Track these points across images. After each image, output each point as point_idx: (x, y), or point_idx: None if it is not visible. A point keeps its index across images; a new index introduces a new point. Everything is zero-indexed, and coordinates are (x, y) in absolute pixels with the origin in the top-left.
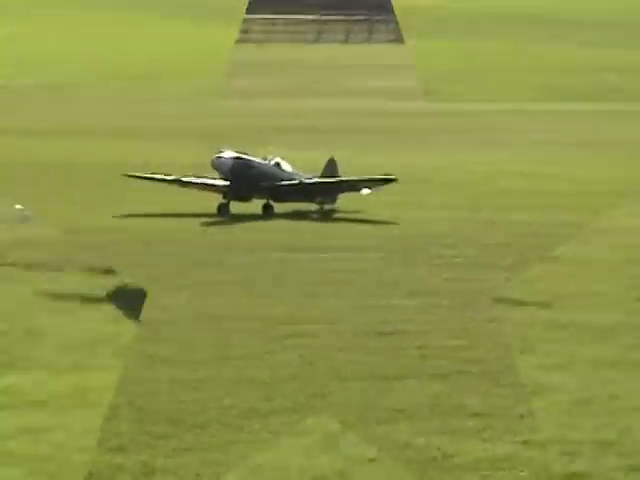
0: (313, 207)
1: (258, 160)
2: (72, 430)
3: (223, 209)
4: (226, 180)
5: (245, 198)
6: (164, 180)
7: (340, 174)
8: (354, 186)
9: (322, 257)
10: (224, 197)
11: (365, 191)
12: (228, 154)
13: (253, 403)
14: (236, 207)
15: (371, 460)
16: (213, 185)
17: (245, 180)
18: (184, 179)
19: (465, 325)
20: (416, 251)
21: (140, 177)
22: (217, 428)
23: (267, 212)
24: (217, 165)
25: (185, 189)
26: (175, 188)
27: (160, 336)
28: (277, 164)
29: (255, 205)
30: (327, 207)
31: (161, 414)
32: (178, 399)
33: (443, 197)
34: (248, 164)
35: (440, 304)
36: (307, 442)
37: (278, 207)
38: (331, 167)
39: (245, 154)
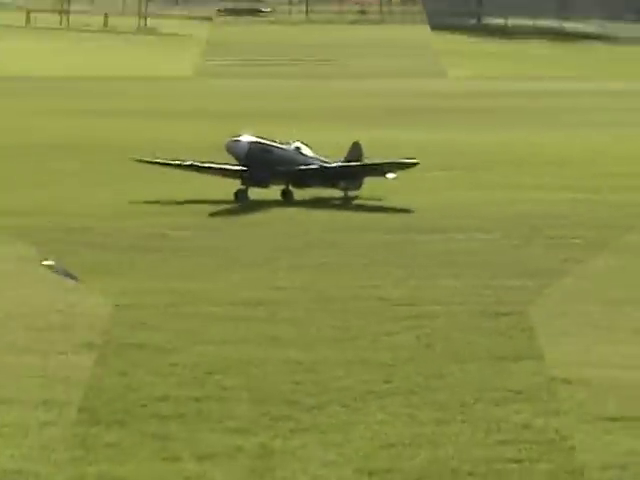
0: (337, 193)
1: (276, 144)
2: None
3: (241, 195)
4: (242, 165)
5: (264, 184)
6: (179, 165)
7: (364, 158)
8: (378, 170)
9: (439, 238)
10: (242, 183)
11: (390, 175)
12: (244, 138)
13: (370, 384)
14: (255, 193)
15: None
16: (230, 170)
17: (263, 165)
18: (200, 164)
19: None
20: (534, 231)
21: (152, 162)
22: (334, 409)
23: (286, 198)
24: (232, 150)
25: (201, 175)
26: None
27: (276, 317)
28: (297, 148)
29: (274, 191)
30: (351, 193)
31: (278, 395)
32: (295, 380)
33: (552, 177)
34: (265, 148)
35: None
36: (424, 423)
37: (303, 193)
38: (355, 151)
39: (263, 138)
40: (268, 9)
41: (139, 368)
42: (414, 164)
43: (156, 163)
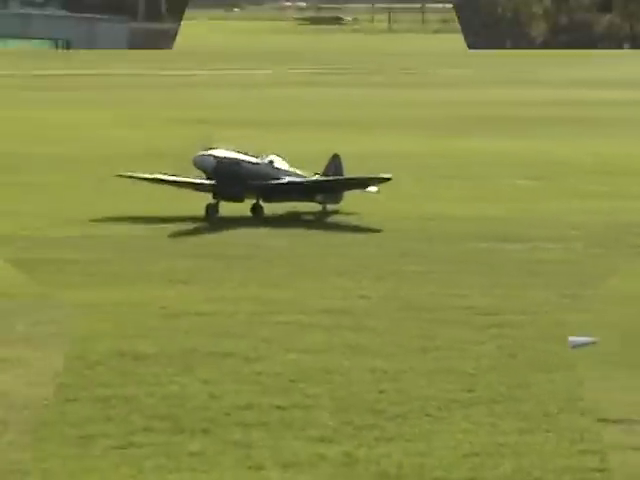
0: (315, 207)
1: (246, 158)
2: None
3: (212, 210)
4: (211, 180)
5: (236, 198)
6: (147, 179)
7: (343, 172)
8: (350, 185)
9: (526, 247)
10: (213, 197)
11: (372, 189)
12: (211, 152)
13: (454, 394)
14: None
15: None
16: (200, 184)
17: (232, 179)
18: (167, 178)
19: None
20: (619, 241)
21: (125, 176)
22: (418, 418)
23: (256, 213)
24: (200, 164)
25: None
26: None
27: (361, 326)
28: (271, 162)
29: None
30: (330, 207)
31: (362, 404)
32: (379, 389)
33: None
34: (234, 162)
35: None
36: (507, 432)
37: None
38: (335, 165)
39: (232, 152)
40: (349, 18)
41: (223, 376)
42: (386, 179)
43: (129, 177)
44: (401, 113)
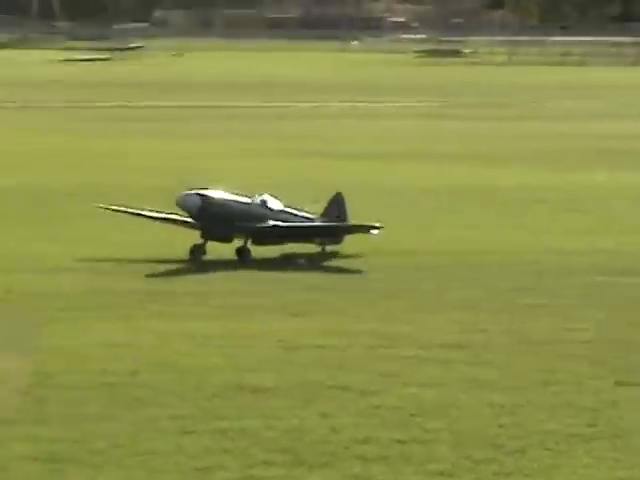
0: (314, 248)
1: (235, 198)
2: None
3: (198, 251)
4: (196, 220)
5: (225, 239)
6: (133, 214)
7: (346, 212)
8: (339, 232)
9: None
10: (201, 236)
11: (374, 232)
12: (195, 191)
13: (574, 428)
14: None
15: None
16: (188, 223)
17: (218, 221)
18: (154, 214)
19: None
20: None
21: (108, 209)
22: (538, 453)
23: (242, 257)
24: (183, 205)
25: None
26: None
27: (479, 360)
28: (263, 202)
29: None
30: (329, 248)
31: (481, 438)
32: (498, 423)
33: None
34: (219, 203)
35: None
36: (630, 467)
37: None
38: (337, 204)
39: (218, 191)
40: (469, 50)
41: (342, 410)
42: (376, 228)
43: (113, 210)
44: (522, 145)
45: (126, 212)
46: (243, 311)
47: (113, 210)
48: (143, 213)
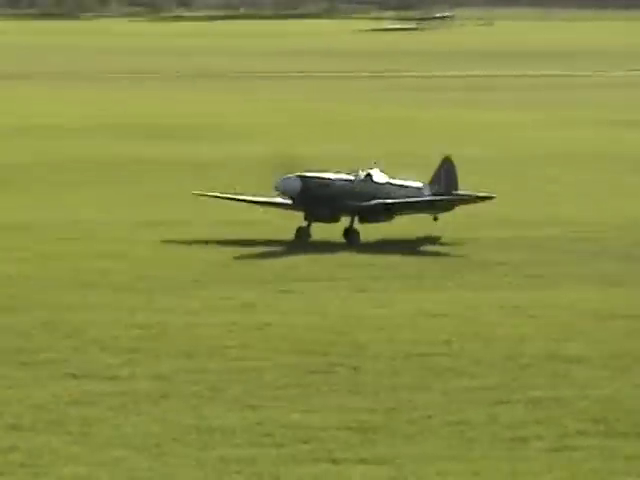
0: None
1: (334, 176)
2: None
3: (304, 232)
4: (298, 205)
5: (330, 219)
6: (233, 199)
7: (456, 178)
8: (454, 202)
9: None
10: (305, 219)
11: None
12: (294, 174)
13: None
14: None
15: None
16: (289, 205)
17: (322, 202)
18: (260, 199)
19: None
20: None
21: (210, 196)
22: None
23: (349, 239)
24: (283, 188)
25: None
26: None
27: None
28: (368, 176)
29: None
30: (440, 216)
31: None
32: None
33: None
34: (321, 183)
35: None
36: None
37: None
38: (447, 170)
39: (316, 172)
40: None
41: None
42: (490, 198)
43: (214, 197)
44: None
45: (221, 197)
46: (551, 280)
47: (209, 196)
48: (241, 198)
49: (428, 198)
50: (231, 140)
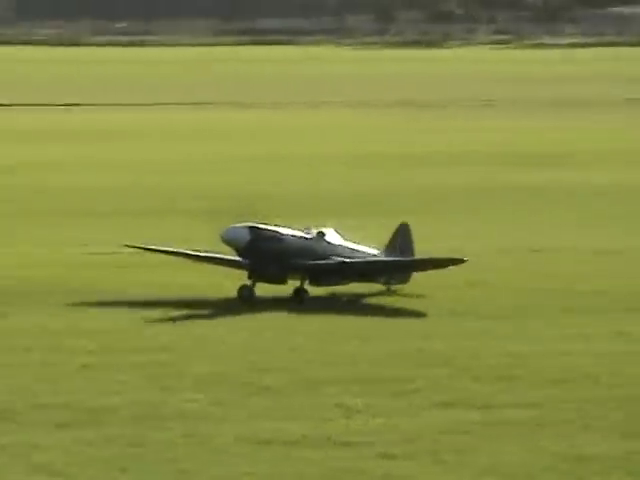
0: (377, 287)
1: (287, 231)
2: None
3: (246, 293)
4: (243, 257)
5: (277, 279)
6: (171, 253)
7: (412, 244)
8: (414, 266)
9: None
10: (249, 277)
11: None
12: (242, 224)
13: None
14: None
15: None
16: (234, 261)
17: (270, 257)
18: (196, 253)
19: None
20: None
21: (143, 248)
22: None
23: (298, 299)
24: (229, 238)
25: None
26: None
27: None
28: (320, 234)
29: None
30: (394, 287)
31: None
32: None
33: None
34: (271, 236)
35: None
36: None
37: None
38: (402, 236)
39: (266, 223)
40: None
41: None
42: (461, 261)
43: (148, 249)
44: None
45: (156, 251)
46: None
47: (142, 248)
48: (176, 251)
49: (391, 259)
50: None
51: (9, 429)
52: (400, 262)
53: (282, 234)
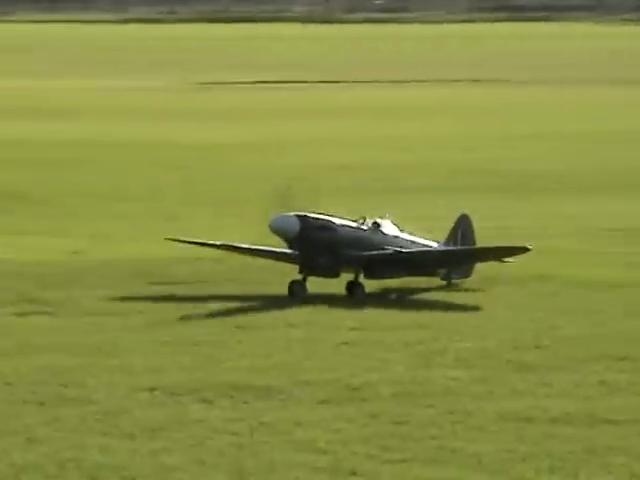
0: (436, 281)
1: (340, 221)
2: None
3: (297, 288)
4: (294, 248)
5: (329, 272)
6: (214, 245)
7: (474, 236)
8: (476, 256)
9: None
10: (300, 271)
11: (509, 259)
12: (293, 212)
13: None
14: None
15: None
16: (284, 254)
17: (322, 248)
18: (240, 245)
19: None
20: None
21: (183, 241)
22: None
23: (353, 293)
24: (279, 227)
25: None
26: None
27: None
28: (376, 225)
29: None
30: (455, 280)
31: None
32: None
33: None
34: (324, 226)
35: None
36: None
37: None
38: (462, 228)
39: (319, 213)
40: None
41: None
42: (525, 249)
43: (189, 242)
44: None
45: (200, 243)
46: None
47: (180, 241)
48: (220, 244)
49: (448, 250)
50: None
51: (273, 406)
52: (457, 252)
53: (334, 223)
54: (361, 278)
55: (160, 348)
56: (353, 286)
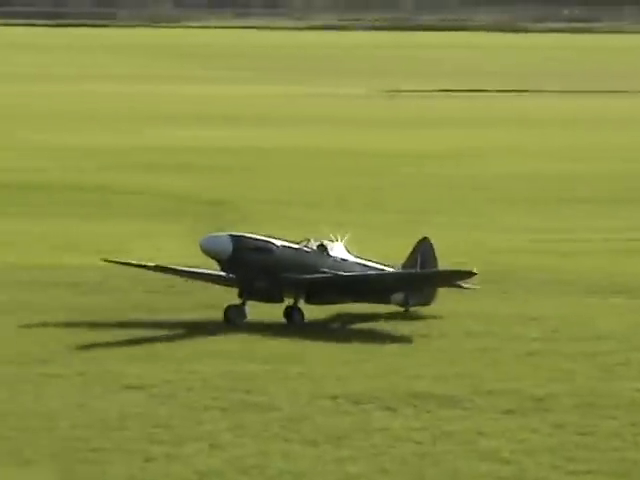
0: (390, 308)
1: (279, 242)
2: None
3: (234, 312)
4: (225, 271)
5: (269, 297)
6: (145, 267)
7: (436, 261)
8: (427, 281)
9: None
10: (239, 295)
11: (468, 285)
12: (226, 232)
13: None
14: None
15: None
16: (220, 277)
17: (258, 270)
18: (170, 267)
19: None
20: None
21: (119, 263)
22: None
23: (291, 319)
24: (209, 248)
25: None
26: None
27: None
28: (322, 247)
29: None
30: (413, 307)
31: None
32: None
33: None
34: (259, 246)
35: None
36: None
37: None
38: (424, 251)
39: (254, 234)
40: None
41: None
42: (470, 274)
43: (125, 264)
44: None
45: (134, 265)
46: None
47: (117, 263)
48: (152, 265)
49: (391, 273)
50: None
51: (456, 415)
52: (396, 275)
53: (273, 244)
54: (301, 303)
55: (343, 356)
56: (292, 311)
